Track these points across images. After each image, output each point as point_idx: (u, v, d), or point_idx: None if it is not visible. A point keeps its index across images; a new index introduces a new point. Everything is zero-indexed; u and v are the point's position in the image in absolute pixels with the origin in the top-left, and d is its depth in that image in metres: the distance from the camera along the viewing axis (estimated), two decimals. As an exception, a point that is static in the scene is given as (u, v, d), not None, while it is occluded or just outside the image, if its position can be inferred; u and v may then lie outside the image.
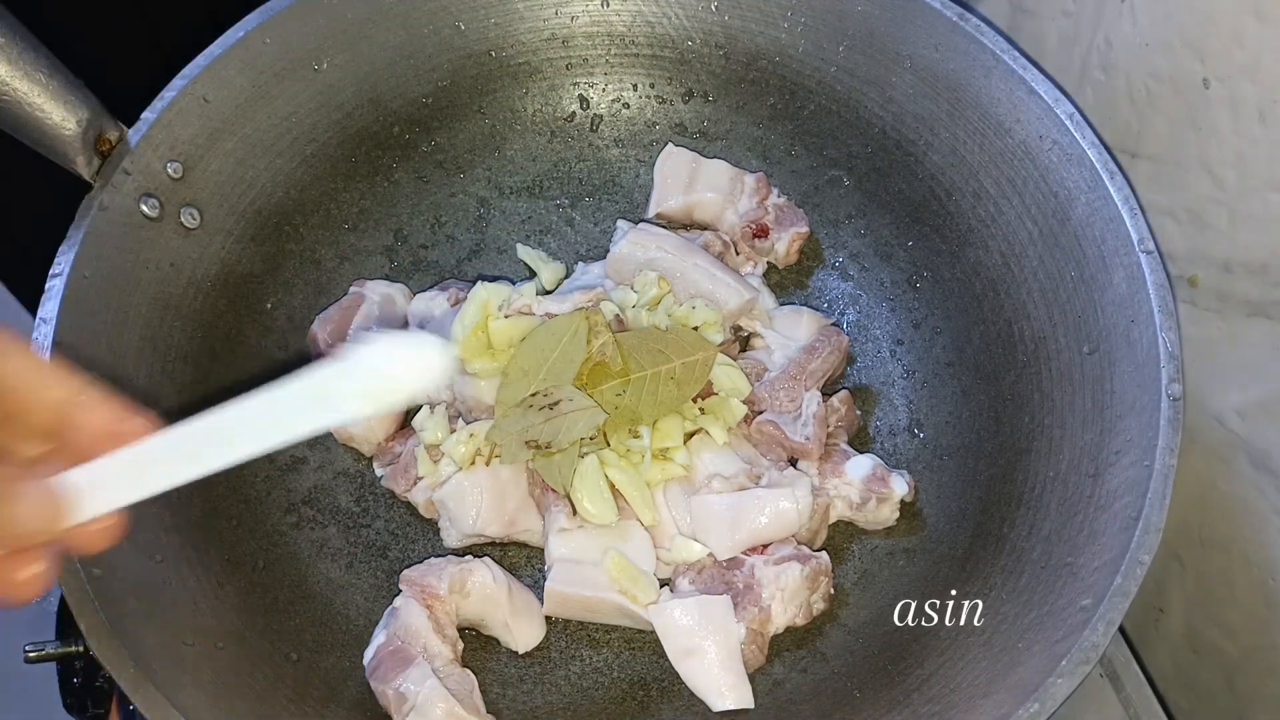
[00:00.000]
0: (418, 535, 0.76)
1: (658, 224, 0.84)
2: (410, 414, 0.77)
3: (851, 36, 0.82)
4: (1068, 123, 0.71)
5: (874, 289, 0.83)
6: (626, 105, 0.90)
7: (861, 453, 0.74)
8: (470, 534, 0.72)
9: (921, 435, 0.78)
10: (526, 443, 0.69)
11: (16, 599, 0.43)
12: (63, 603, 0.70)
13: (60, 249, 0.68)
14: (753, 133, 0.88)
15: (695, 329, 0.75)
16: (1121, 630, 0.81)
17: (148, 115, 0.73)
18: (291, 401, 0.47)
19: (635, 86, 0.90)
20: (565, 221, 0.88)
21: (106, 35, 0.95)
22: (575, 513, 0.70)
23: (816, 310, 0.81)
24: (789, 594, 0.68)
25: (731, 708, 0.67)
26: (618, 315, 0.74)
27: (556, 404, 0.69)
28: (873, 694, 0.66)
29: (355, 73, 0.83)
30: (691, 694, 0.68)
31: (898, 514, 0.73)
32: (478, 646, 0.71)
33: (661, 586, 0.70)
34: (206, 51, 0.76)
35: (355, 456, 0.78)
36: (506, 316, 0.73)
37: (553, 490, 0.71)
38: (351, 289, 0.81)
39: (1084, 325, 0.70)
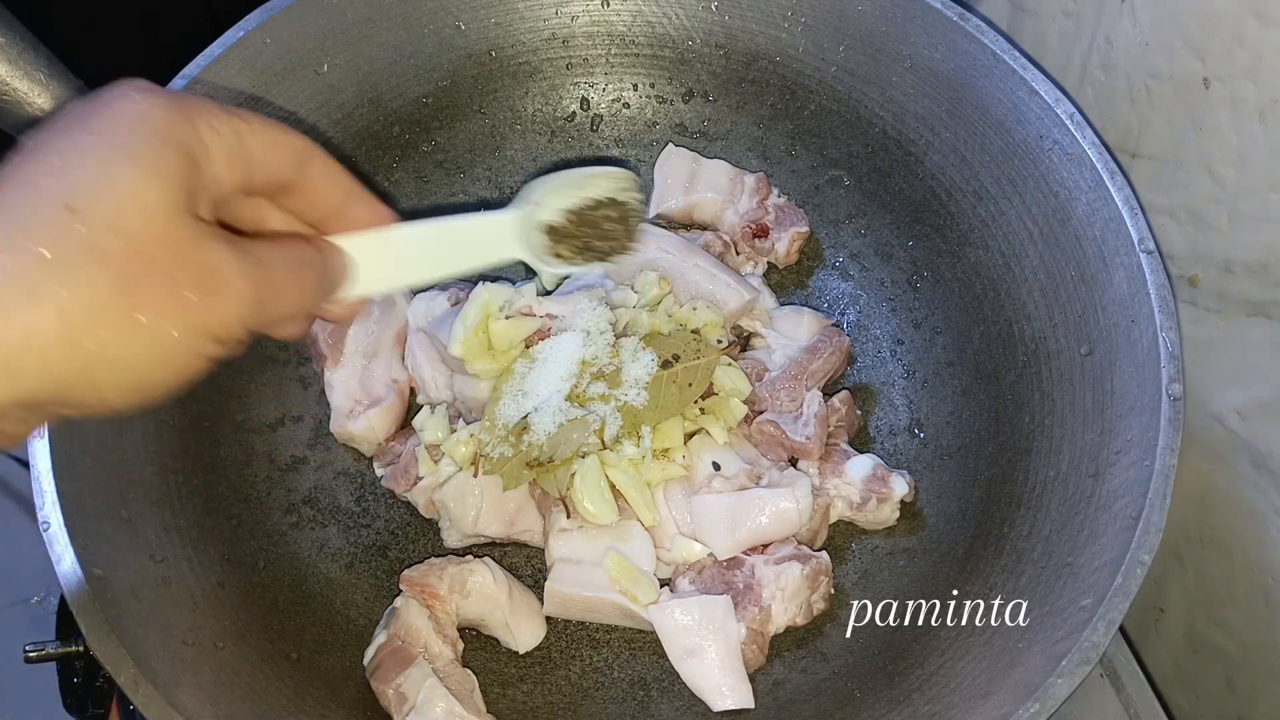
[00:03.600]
0: (418, 535, 0.76)
1: (658, 224, 0.84)
2: (411, 414, 0.77)
3: (851, 36, 0.82)
4: (1068, 123, 0.71)
5: (874, 289, 0.83)
6: (627, 105, 0.90)
7: (862, 453, 0.74)
8: (470, 534, 0.72)
9: (922, 435, 0.78)
10: (527, 465, 0.69)
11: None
12: (63, 603, 0.70)
13: (60, 249, 0.68)
14: (753, 133, 0.88)
15: (696, 331, 0.75)
16: (1121, 630, 0.81)
17: (148, 115, 0.73)
18: (489, 231, 0.56)
19: (635, 86, 0.90)
20: (565, 221, 0.88)
21: (106, 35, 0.95)
22: (570, 515, 0.70)
23: (817, 310, 0.81)
24: (789, 594, 0.68)
25: (732, 708, 0.67)
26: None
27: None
28: (873, 694, 0.66)
29: (355, 73, 0.83)
30: (691, 694, 0.68)
31: (898, 514, 0.73)
32: (478, 646, 0.71)
33: (661, 586, 0.70)
34: (206, 51, 0.76)
35: (355, 456, 0.78)
36: (508, 317, 0.73)
37: (553, 490, 0.71)
38: (351, 289, 0.81)
39: (1084, 325, 0.70)
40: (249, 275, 0.42)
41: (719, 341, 0.75)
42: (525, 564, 0.75)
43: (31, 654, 0.74)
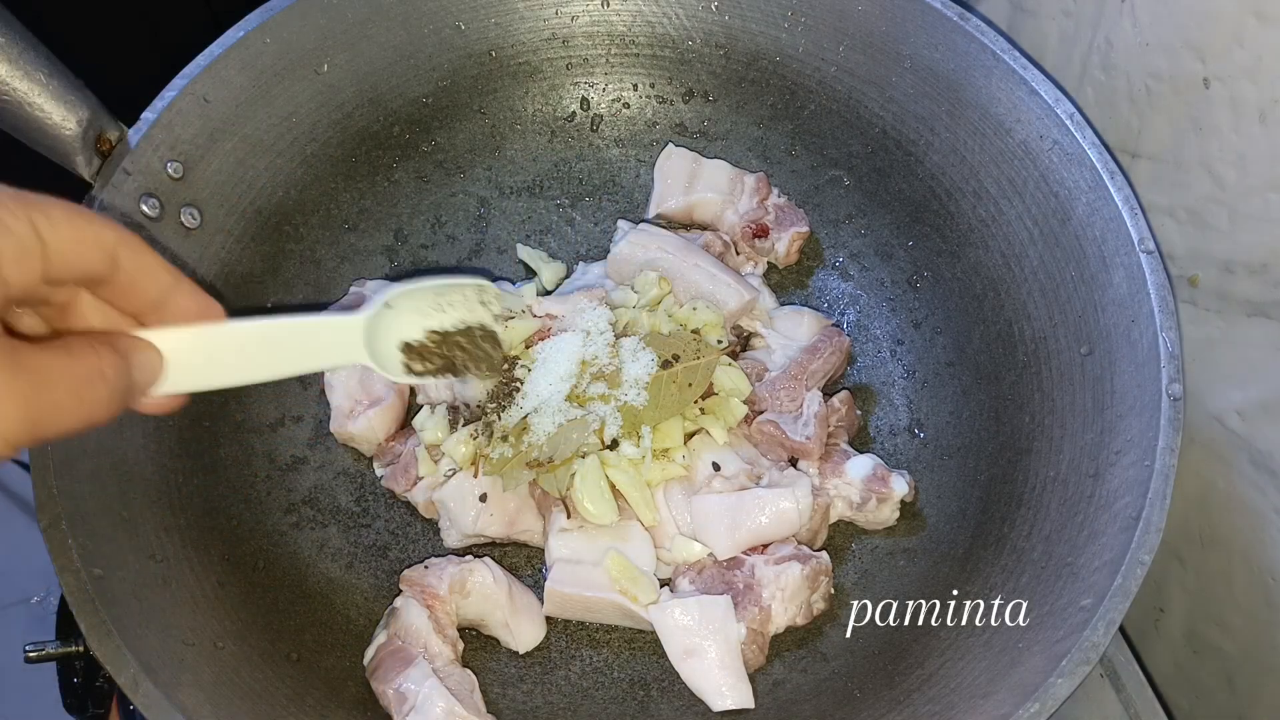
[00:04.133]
0: (418, 535, 0.76)
1: (658, 224, 0.84)
2: (411, 414, 0.77)
3: (851, 36, 0.82)
4: (1068, 123, 0.71)
5: (874, 289, 0.83)
6: (627, 105, 0.90)
7: (862, 453, 0.74)
8: (470, 534, 0.72)
9: (922, 435, 0.78)
10: (527, 464, 0.69)
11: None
12: (63, 603, 0.70)
13: (60, 249, 0.68)
14: (753, 133, 0.88)
15: (696, 331, 0.75)
16: (1121, 630, 0.81)
17: (148, 115, 0.73)
18: (332, 333, 0.53)
19: (635, 86, 0.90)
20: (565, 221, 0.88)
21: (106, 35, 0.95)
22: (571, 515, 0.70)
23: (817, 310, 0.81)
24: (789, 594, 0.68)
25: (731, 708, 0.67)
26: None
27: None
28: (873, 694, 0.66)
29: (355, 72, 0.83)
30: (691, 694, 0.68)
31: (898, 514, 0.73)
32: (478, 646, 0.71)
33: (661, 586, 0.70)
34: (206, 51, 0.76)
35: (355, 456, 0.78)
36: (509, 320, 0.74)
37: (553, 490, 0.71)
38: (351, 289, 0.81)
39: (1084, 325, 0.70)
40: (19, 395, 0.39)
41: (719, 341, 0.75)
42: (525, 564, 0.75)
43: (31, 654, 0.74)
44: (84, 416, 0.42)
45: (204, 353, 0.48)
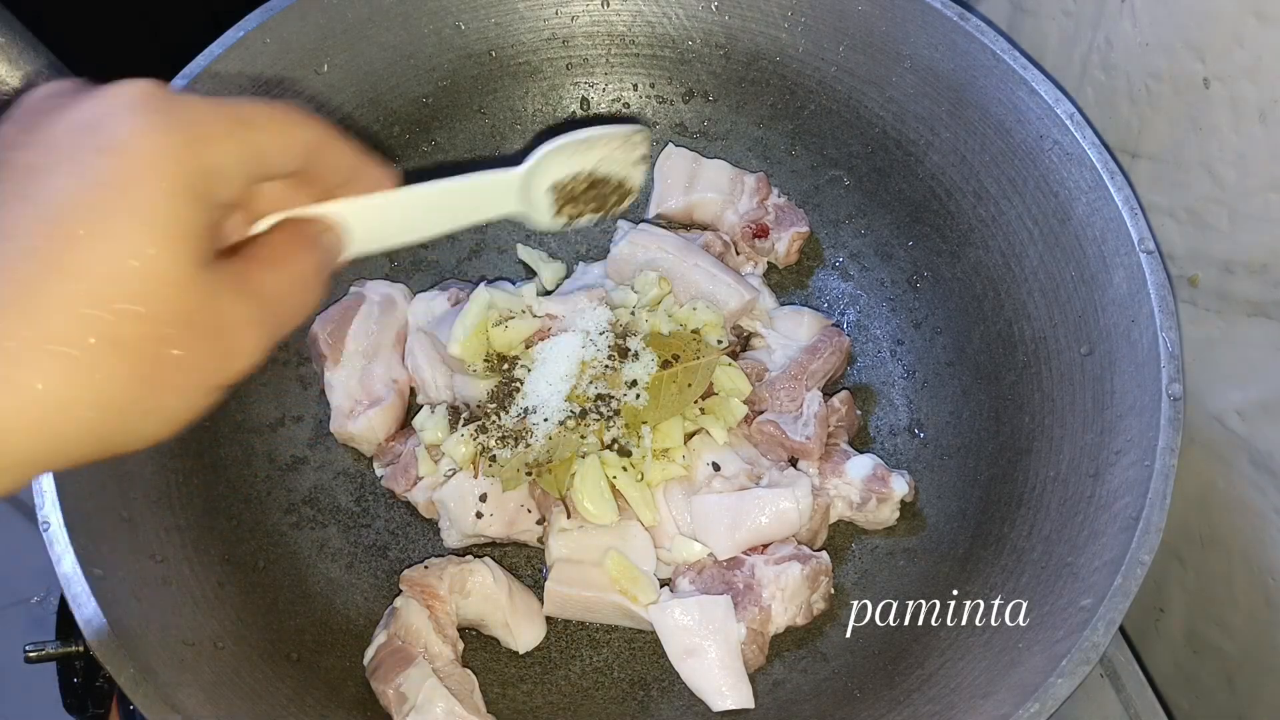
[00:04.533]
0: (418, 535, 0.76)
1: (658, 224, 0.84)
2: (411, 414, 0.77)
3: (851, 36, 0.82)
4: (1068, 123, 0.71)
5: (874, 289, 0.83)
6: (627, 105, 0.90)
7: (862, 453, 0.74)
8: (470, 534, 0.72)
9: (922, 435, 0.78)
10: (526, 465, 0.69)
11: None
12: (63, 602, 0.70)
13: (60, 249, 0.68)
14: (753, 133, 0.88)
15: (696, 331, 0.75)
16: (1121, 630, 0.81)
17: (148, 115, 0.73)
18: (492, 187, 0.56)
19: (635, 86, 0.90)
20: (565, 221, 0.88)
21: (106, 35, 0.95)
22: (571, 515, 0.70)
23: (817, 310, 0.81)
24: (789, 594, 0.68)
25: (732, 708, 0.67)
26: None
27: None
28: (873, 694, 0.66)
29: (355, 72, 0.83)
30: (691, 694, 0.68)
31: (898, 514, 0.73)
32: (478, 646, 0.71)
33: (661, 586, 0.70)
34: (206, 51, 0.76)
35: (355, 456, 0.78)
36: (508, 323, 0.74)
37: (553, 490, 0.71)
38: (351, 289, 0.81)
39: (1084, 325, 0.70)
40: (260, 322, 0.41)
41: (719, 341, 0.75)
42: (525, 564, 0.75)
43: (31, 654, 0.74)
44: (300, 317, 0.44)
45: (381, 218, 0.51)
